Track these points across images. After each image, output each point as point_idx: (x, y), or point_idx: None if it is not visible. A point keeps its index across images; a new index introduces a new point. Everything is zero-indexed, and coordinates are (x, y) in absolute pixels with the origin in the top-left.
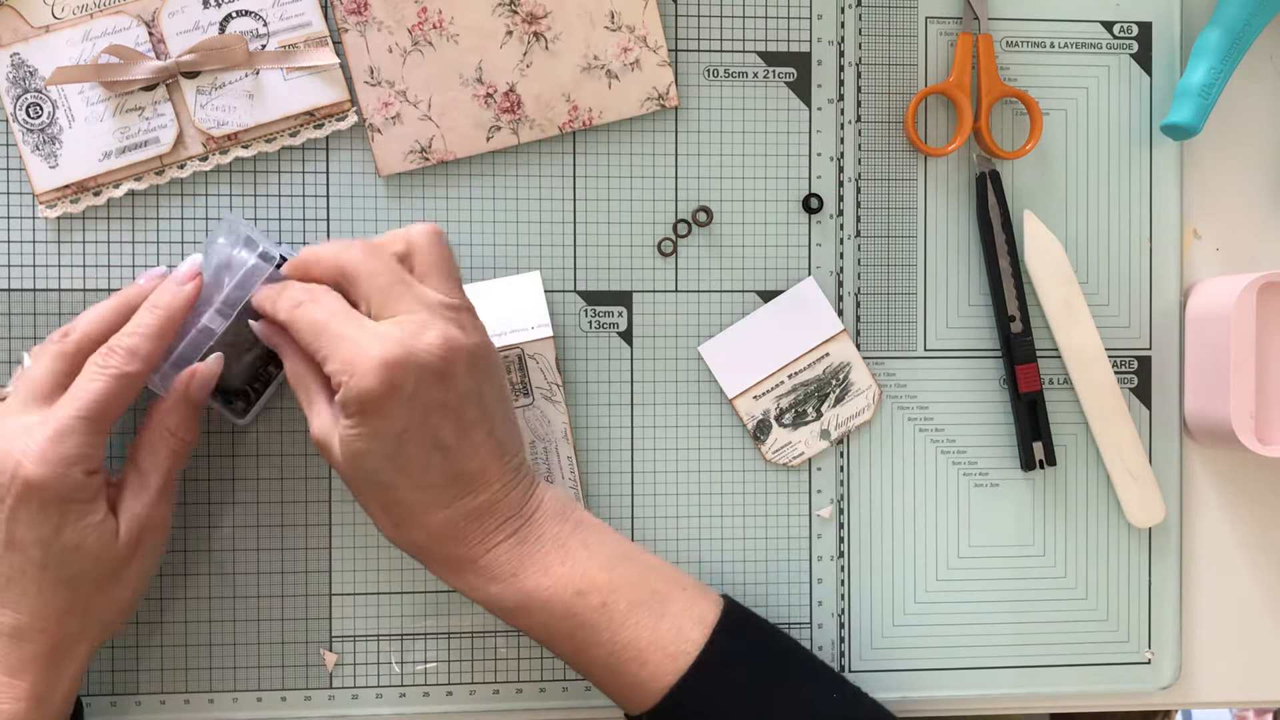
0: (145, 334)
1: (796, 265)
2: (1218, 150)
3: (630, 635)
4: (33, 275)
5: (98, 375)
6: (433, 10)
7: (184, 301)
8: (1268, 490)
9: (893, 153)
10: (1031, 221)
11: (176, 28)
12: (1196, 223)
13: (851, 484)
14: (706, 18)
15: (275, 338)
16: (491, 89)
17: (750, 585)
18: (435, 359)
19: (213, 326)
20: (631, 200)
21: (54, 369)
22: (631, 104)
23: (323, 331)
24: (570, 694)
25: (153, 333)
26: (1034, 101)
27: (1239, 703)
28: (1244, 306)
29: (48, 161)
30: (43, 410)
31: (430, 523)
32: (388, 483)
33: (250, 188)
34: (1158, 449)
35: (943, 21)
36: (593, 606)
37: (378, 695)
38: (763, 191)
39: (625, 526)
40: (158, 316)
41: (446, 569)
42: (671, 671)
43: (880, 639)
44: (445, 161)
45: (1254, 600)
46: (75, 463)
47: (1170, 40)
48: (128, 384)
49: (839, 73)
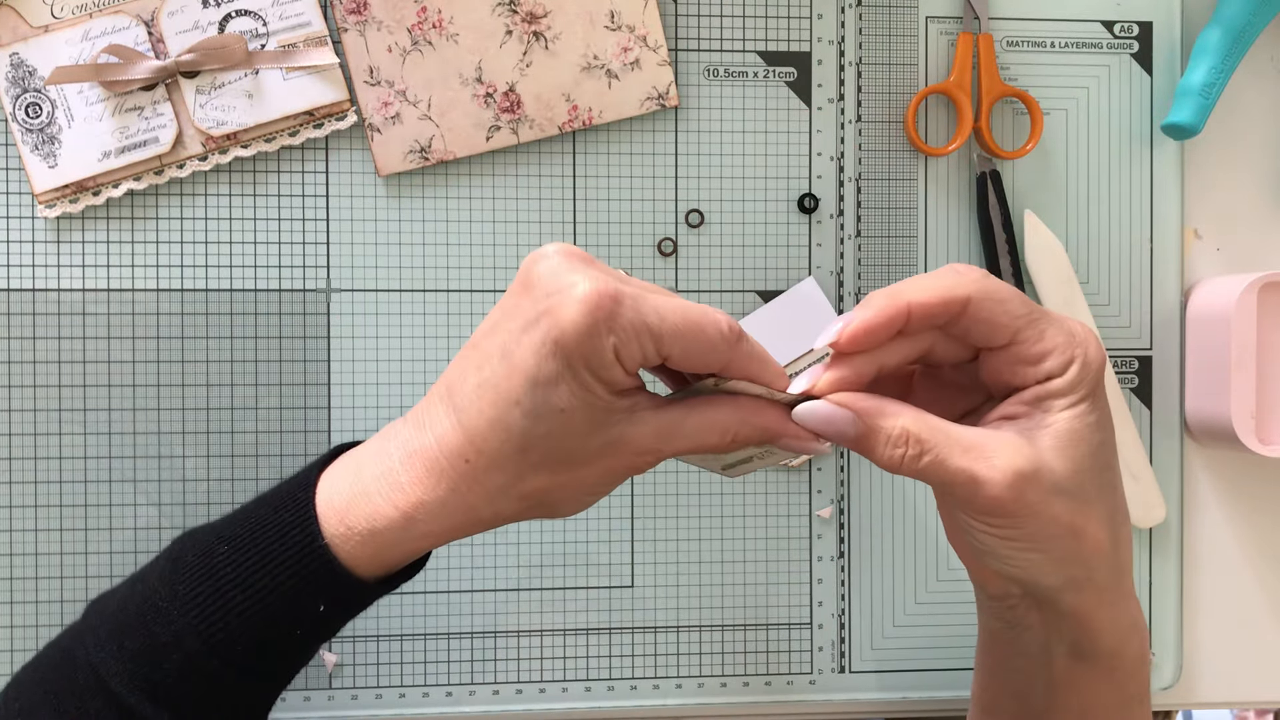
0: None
1: (796, 265)
2: (1218, 150)
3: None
4: (32, 275)
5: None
6: (432, 10)
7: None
8: (1268, 490)
9: (893, 153)
10: (1032, 221)
11: (176, 27)
12: (1197, 223)
13: (851, 484)
14: (706, 17)
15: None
16: (491, 89)
17: (750, 585)
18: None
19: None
20: (631, 200)
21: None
22: (631, 104)
23: (1031, 314)
24: (570, 694)
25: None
26: (1034, 101)
27: (1239, 703)
28: (1244, 306)
29: (47, 161)
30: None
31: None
32: (1114, 462)
33: (250, 188)
34: (1158, 449)
35: (943, 21)
36: None
37: (378, 695)
38: (762, 191)
39: (625, 526)
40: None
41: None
42: None
43: (880, 639)
44: (445, 161)
45: (1254, 600)
46: (615, 337)
47: (1171, 40)
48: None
49: (839, 72)
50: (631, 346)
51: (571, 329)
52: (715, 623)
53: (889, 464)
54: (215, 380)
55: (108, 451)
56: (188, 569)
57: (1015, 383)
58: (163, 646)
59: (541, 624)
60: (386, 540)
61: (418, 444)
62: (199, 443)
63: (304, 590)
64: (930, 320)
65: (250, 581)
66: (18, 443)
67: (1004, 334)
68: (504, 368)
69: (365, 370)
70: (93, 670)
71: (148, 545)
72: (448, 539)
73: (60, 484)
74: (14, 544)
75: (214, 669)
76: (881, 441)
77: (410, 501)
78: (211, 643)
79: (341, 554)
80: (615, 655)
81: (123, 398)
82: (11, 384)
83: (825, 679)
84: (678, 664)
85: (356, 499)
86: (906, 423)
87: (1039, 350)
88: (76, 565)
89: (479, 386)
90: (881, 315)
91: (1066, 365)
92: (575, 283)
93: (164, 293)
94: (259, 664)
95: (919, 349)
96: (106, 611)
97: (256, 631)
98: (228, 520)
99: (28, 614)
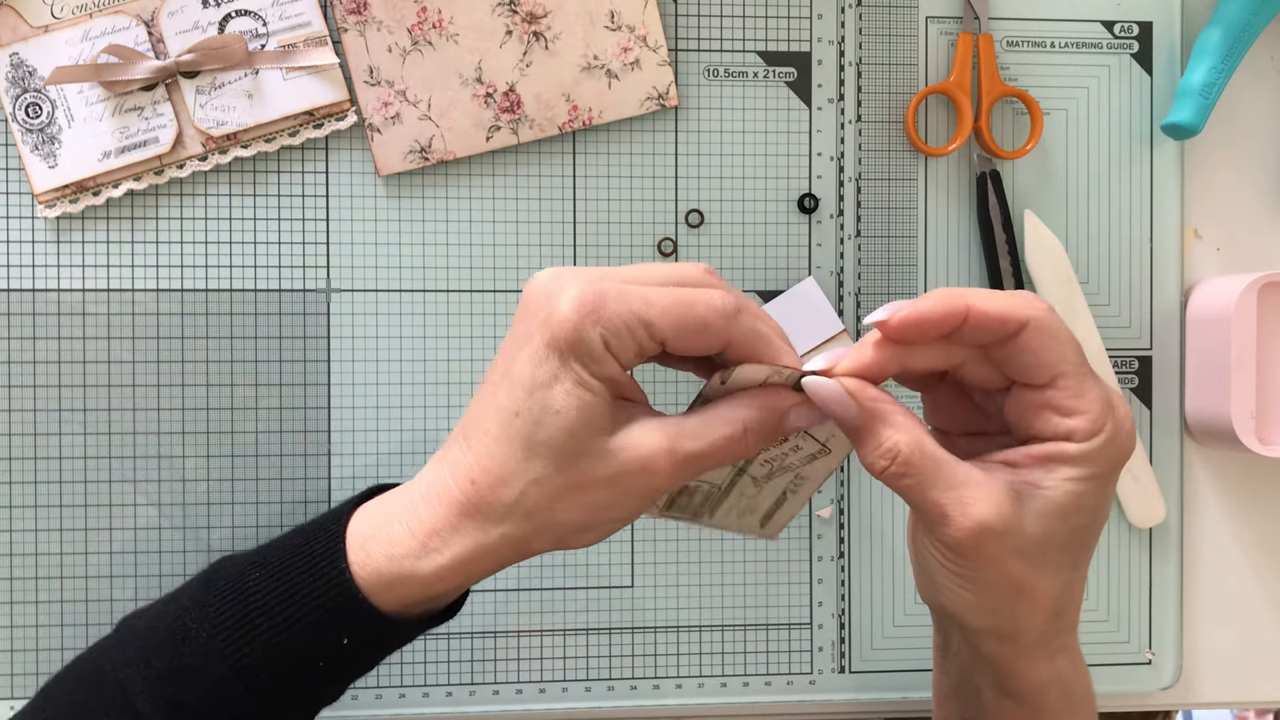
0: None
1: (796, 265)
2: (1218, 150)
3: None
4: (32, 275)
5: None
6: (432, 10)
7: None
8: (1268, 490)
9: (893, 153)
10: (1032, 221)
11: (176, 27)
12: (1197, 223)
13: (851, 484)
14: (706, 17)
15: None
16: (491, 89)
17: (750, 585)
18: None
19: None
20: (631, 200)
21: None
22: (631, 104)
23: (1081, 367)
24: (570, 694)
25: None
26: (1034, 101)
27: (1240, 703)
28: (1245, 306)
29: (47, 161)
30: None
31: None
32: (1092, 543)
33: (249, 188)
34: (1158, 449)
35: (943, 21)
36: None
37: (378, 695)
38: (762, 191)
39: (625, 525)
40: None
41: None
42: None
43: (880, 639)
44: (445, 161)
45: (1254, 600)
46: (604, 328)
47: (1171, 40)
48: (704, 325)
49: (839, 72)
50: (622, 336)
51: (560, 328)
52: (715, 623)
53: (871, 469)
54: (215, 380)
55: (108, 451)
56: (219, 592)
57: (1035, 428)
58: (189, 668)
59: (541, 624)
60: (403, 570)
61: (435, 476)
62: (199, 443)
63: (328, 621)
64: (984, 332)
65: (277, 609)
66: (18, 443)
67: (1045, 374)
68: (505, 385)
69: (365, 370)
70: (120, 687)
71: (148, 545)
72: (463, 571)
73: (60, 484)
74: (14, 544)
75: (239, 695)
76: (871, 447)
77: (425, 529)
78: (237, 668)
79: (362, 584)
80: (615, 655)
81: (123, 398)
82: (11, 384)
83: (825, 679)
84: (678, 664)
85: (379, 528)
86: (901, 442)
87: (1072, 404)
88: (76, 565)
89: (484, 409)
90: (939, 309)
91: (1093, 433)
92: (563, 288)
93: (164, 293)
94: (283, 693)
95: (951, 362)
96: (137, 629)
97: (281, 660)
98: (264, 547)
99: (28, 614)
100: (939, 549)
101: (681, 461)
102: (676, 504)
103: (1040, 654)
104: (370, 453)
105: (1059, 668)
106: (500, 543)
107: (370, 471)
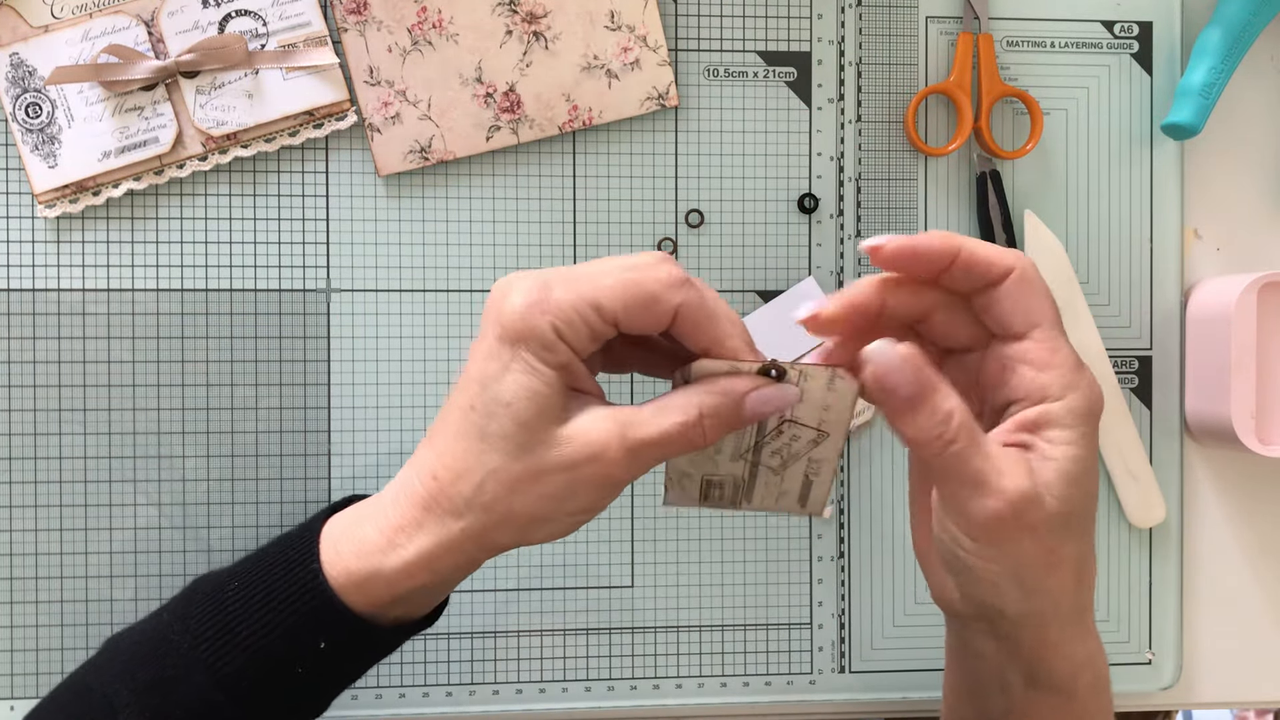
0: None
1: (796, 265)
2: (1218, 150)
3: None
4: (32, 275)
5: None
6: (432, 10)
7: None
8: (1268, 490)
9: (893, 153)
10: (1032, 221)
11: (176, 27)
12: (1197, 223)
13: (851, 484)
14: (706, 17)
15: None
16: (491, 89)
17: (750, 585)
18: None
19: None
20: (631, 200)
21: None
22: (631, 104)
23: (1057, 327)
24: (570, 694)
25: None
26: (1034, 101)
27: (1240, 703)
28: (1244, 306)
29: (47, 161)
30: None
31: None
32: (1094, 508)
33: (250, 188)
34: (1158, 449)
35: (943, 21)
36: None
37: (378, 695)
38: (762, 191)
39: (625, 526)
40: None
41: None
42: None
43: (880, 639)
44: (445, 161)
45: (1254, 600)
46: (552, 315)
47: (1171, 40)
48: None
49: (839, 72)
50: (573, 322)
51: (509, 319)
52: (715, 623)
53: (923, 436)
54: (215, 380)
55: (108, 451)
56: (199, 604)
57: (1010, 385)
58: (172, 679)
59: (541, 624)
60: (371, 566)
61: (404, 477)
62: (199, 443)
63: (303, 625)
64: (971, 274)
65: (255, 616)
66: (18, 443)
67: (1023, 322)
68: (461, 382)
69: (365, 370)
70: (107, 702)
71: (148, 545)
72: (429, 568)
73: (60, 484)
74: (14, 544)
75: (221, 704)
76: (927, 414)
77: (392, 525)
78: (219, 677)
79: (335, 584)
80: (615, 655)
81: (123, 398)
82: (11, 384)
83: (825, 679)
84: (678, 664)
85: (349, 530)
86: (955, 406)
87: (1047, 358)
88: (76, 565)
89: (446, 410)
90: (933, 243)
91: (1066, 389)
92: (514, 286)
93: (164, 293)
94: (265, 702)
95: (929, 309)
96: (121, 646)
97: (262, 668)
98: (242, 559)
99: (28, 614)
100: (974, 531)
101: (634, 448)
102: (710, 497)
103: (1075, 634)
104: (370, 453)
105: (1091, 649)
106: (462, 536)
107: (370, 471)
